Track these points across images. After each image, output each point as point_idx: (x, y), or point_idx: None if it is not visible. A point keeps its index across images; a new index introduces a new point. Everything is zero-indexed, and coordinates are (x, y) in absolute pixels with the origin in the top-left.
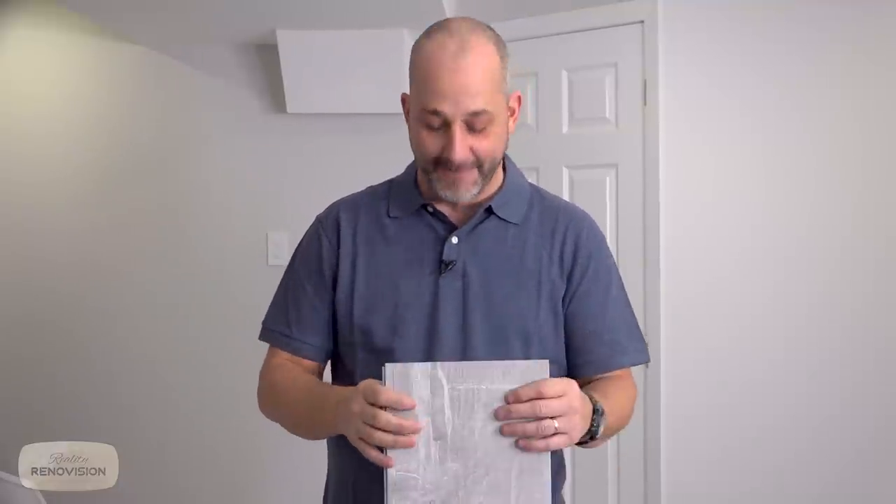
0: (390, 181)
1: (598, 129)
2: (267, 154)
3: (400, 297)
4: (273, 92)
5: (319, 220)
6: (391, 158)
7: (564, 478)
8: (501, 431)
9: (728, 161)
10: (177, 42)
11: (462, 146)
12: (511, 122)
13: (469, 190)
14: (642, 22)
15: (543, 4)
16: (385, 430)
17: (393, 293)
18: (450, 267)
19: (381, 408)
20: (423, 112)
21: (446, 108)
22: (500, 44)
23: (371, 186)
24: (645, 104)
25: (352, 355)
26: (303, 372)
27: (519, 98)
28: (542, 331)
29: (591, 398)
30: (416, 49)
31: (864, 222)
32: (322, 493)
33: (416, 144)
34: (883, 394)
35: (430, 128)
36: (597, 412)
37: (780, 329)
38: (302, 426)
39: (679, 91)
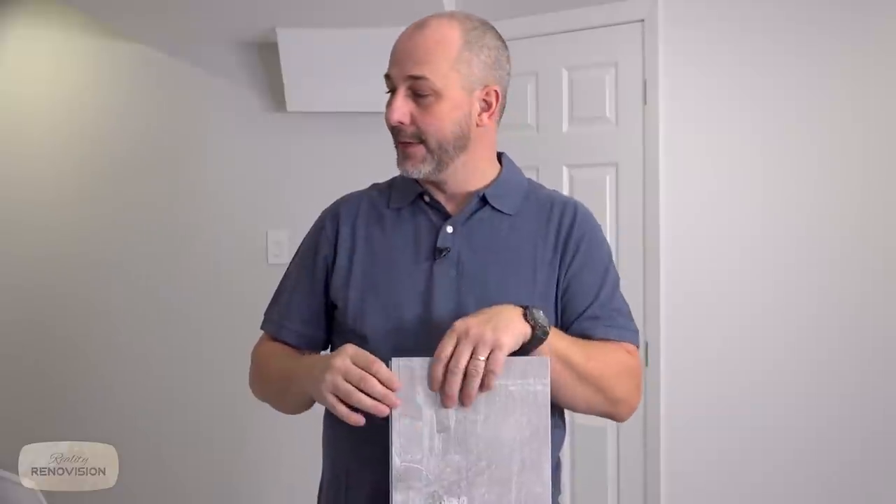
0: (394, 177)
1: (599, 129)
2: (267, 152)
3: (394, 283)
4: (273, 90)
5: (324, 212)
6: (392, 157)
7: (559, 478)
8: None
9: (728, 161)
10: (177, 41)
11: (401, 109)
12: (486, 116)
13: (417, 166)
14: (642, 21)
15: (544, 3)
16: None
17: (388, 280)
18: (444, 254)
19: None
20: (384, 79)
21: (392, 71)
22: (478, 32)
23: (375, 184)
24: (645, 103)
25: (345, 341)
26: (284, 347)
27: (496, 93)
28: None
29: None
30: None
31: (864, 222)
32: (317, 493)
33: None
34: (883, 394)
35: (388, 94)
36: (527, 307)
37: (780, 329)
38: (280, 392)
39: (679, 91)
